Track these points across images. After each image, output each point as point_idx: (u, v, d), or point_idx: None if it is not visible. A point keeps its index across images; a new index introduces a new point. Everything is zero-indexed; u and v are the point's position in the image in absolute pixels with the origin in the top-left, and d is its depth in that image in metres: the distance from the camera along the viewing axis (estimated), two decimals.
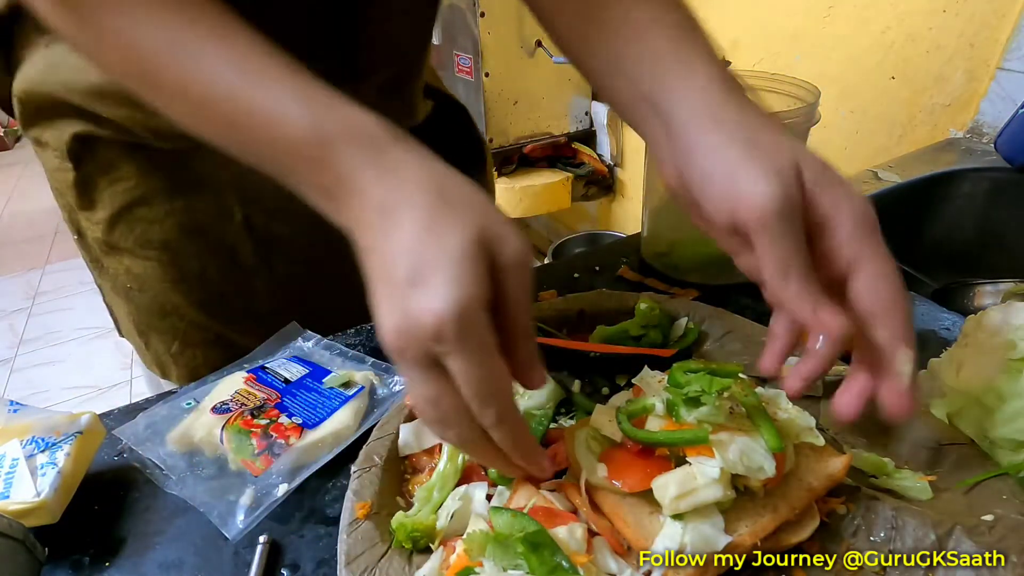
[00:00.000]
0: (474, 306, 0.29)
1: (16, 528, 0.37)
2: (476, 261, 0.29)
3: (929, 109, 1.07)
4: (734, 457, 0.34)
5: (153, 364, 0.67)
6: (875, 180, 0.92)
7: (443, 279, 0.29)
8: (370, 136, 0.32)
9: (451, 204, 0.31)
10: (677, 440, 0.35)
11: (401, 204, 0.31)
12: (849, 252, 0.34)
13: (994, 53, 0.96)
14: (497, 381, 0.31)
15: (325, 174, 0.33)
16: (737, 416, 0.36)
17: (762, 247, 0.33)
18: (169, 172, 0.57)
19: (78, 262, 0.71)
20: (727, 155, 0.34)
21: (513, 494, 0.39)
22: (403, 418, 0.46)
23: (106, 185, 0.58)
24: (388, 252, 0.31)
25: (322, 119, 0.32)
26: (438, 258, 0.29)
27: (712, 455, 0.34)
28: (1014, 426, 0.40)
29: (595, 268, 0.69)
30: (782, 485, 0.36)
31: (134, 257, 0.60)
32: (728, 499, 0.34)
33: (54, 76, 0.53)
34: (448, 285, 0.29)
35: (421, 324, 0.29)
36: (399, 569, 0.37)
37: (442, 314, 0.28)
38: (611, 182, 2.06)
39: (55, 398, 2.03)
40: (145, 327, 0.65)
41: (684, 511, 0.33)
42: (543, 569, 0.32)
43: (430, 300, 0.28)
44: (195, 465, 0.47)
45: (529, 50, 1.79)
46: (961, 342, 0.46)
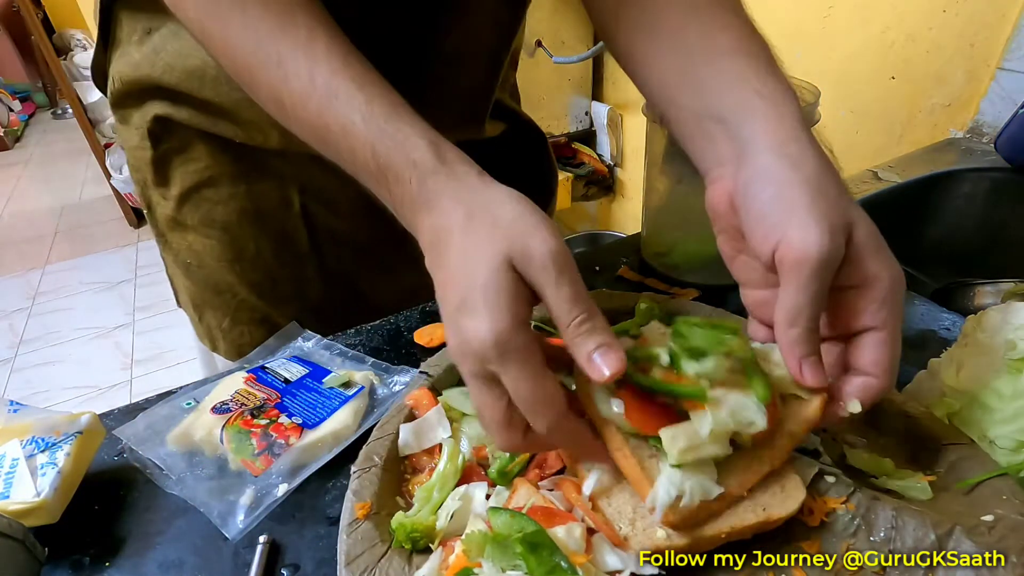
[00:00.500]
0: (509, 330, 0.32)
1: (16, 528, 0.37)
2: (504, 286, 0.32)
3: (929, 109, 1.07)
4: (726, 416, 0.34)
5: (204, 337, 0.71)
6: (875, 180, 0.92)
7: (481, 308, 0.32)
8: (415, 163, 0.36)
9: (477, 231, 0.34)
10: (678, 391, 0.35)
11: (444, 233, 0.35)
12: (876, 315, 0.36)
13: (994, 53, 0.96)
14: (543, 392, 0.33)
15: (388, 192, 0.37)
16: (733, 370, 0.36)
17: (787, 288, 0.35)
18: (237, 158, 0.61)
19: (78, 262, 0.72)
20: (794, 194, 0.36)
21: (512, 494, 0.39)
22: (403, 418, 0.46)
23: (179, 164, 0.62)
24: (441, 279, 0.35)
25: (376, 139, 0.36)
26: (472, 289, 0.33)
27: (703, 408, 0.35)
28: (1014, 426, 0.40)
29: (595, 268, 0.69)
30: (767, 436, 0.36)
31: (197, 234, 0.64)
32: (726, 454, 0.35)
33: (157, 59, 0.56)
34: (485, 313, 0.32)
35: (471, 346, 0.32)
36: (399, 569, 0.37)
37: (484, 339, 0.32)
38: (611, 182, 2.06)
39: (55, 398, 2.03)
40: (200, 301, 0.68)
41: (687, 462, 0.34)
42: (542, 569, 0.32)
43: (475, 327, 0.32)
44: (195, 465, 0.47)
45: (529, 50, 1.78)
46: (961, 342, 0.46)
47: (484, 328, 0.32)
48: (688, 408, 0.35)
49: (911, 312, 0.58)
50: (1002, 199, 0.92)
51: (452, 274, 0.34)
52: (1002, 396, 0.41)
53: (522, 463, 0.42)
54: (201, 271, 0.66)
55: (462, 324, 0.33)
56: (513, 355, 0.32)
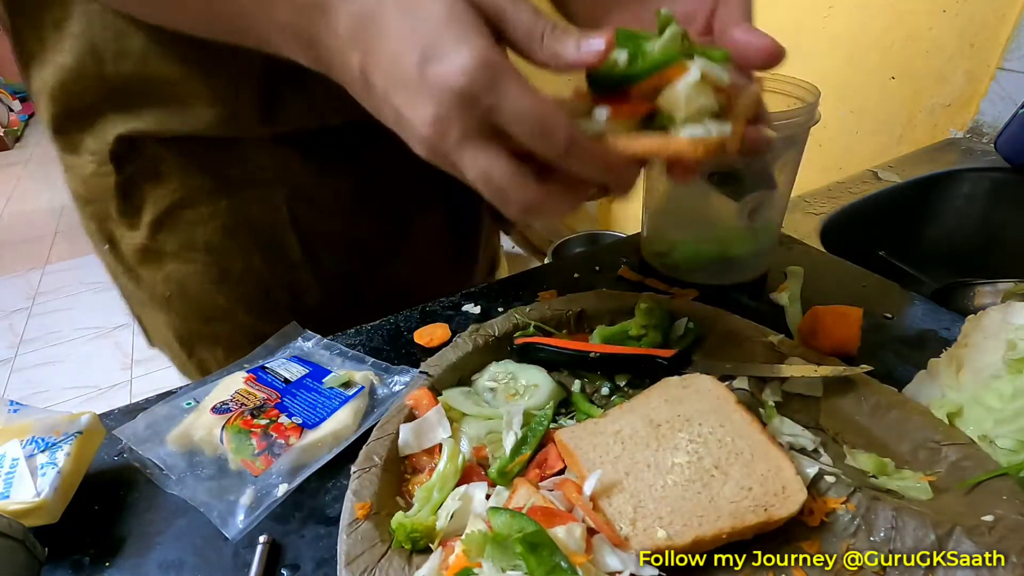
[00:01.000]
0: (492, 48, 0.29)
1: (16, 528, 0.37)
2: (468, 16, 0.30)
3: (929, 109, 1.07)
4: (703, 66, 0.35)
5: (196, 372, 0.66)
6: (875, 180, 0.92)
7: (452, 43, 0.29)
8: None
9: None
10: (656, 62, 0.35)
11: (372, 5, 0.31)
12: (737, 17, 0.38)
13: (994, 53, 0.96)
14: (548, 107, 0.30)
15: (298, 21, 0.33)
16: (686, 45, 0.37)
17: None
18: (214, 171, 0.56)
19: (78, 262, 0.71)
20: None
21: (512, 494, 0.39)
22: (403, 418, 0.46)
23: (150, 188, 0.56)
24: (387, 54, 0.31)
25: None
26: (433, 33, 0.29)
27: (687, 69, 0.35)
28: (1014, 426, 0.40)
29: (595, 268, 0.69)
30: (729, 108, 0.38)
31: (177, 261, 0.59)
32: (716, 107, 0.36)
33: (86, 50, 0.48)
34: (462, 45, 0.29)
35: (451, 89, 0.29)
36: (399, 569, 0.37)
37: (469, 69, 0.28)
38: None
39: (55, 398, 2.03)
40: (188, 334, 0.64)
41: (692, 113, 0.35)
42: (542, 569, 0.32)
43: (450, 63, 0.29)
44: (195, 465, 0.47)
45: None
46: (961, 342, 0.46)
47: (465, 57, 0.29)
48: (669, 79, 0.36)
49: (911, 312, 0.58)
50: (1002, 199, 0.92)
51: (400, 38, 0.31)
52: (1002, 396, 0.41)
53: (522, 463, 0.42)
54: (185, 301, 0.61)
55: (434, 75, 0.29)
56: (507, 73, 0.29)
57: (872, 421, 0.45)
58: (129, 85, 0.50)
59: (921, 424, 0.43)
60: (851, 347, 0.52)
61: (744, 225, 0.60)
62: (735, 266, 0.65)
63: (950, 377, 0.44)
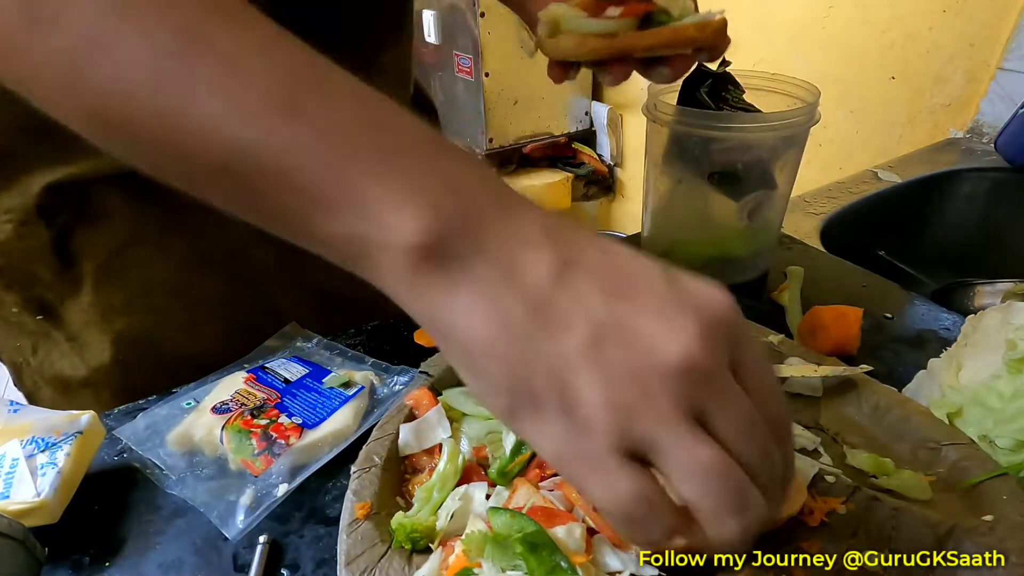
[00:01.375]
0: (733, 306, 0.25)
1: (16, 528, 0.37)
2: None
3: (929, 109, 1.08)
4: None
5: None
6: (875, 180, 0.92)
7: (673, 292, 0.23)
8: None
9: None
10: None
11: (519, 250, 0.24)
12: None
13: (994, 53, 0.97)
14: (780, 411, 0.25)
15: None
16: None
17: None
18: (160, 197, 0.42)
19: None
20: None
21: (512, 494, 0.39)
22: (403, 418, 0.46)
23: (87, 233, 0.48)
24: (609, 264, 0.24)
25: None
26: (639, 273, 0.24)
27: None
28: (1014, 426, 0.40)
29: None
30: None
31: (134, 313, 0.51)
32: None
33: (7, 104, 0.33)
34: (693, 292, 0.24)
35: (717, 317, 0.24)
36: (399, 569, 0.37)
37: (689, 350, 0.22)
38: (611, 182, 2.06)
39: None
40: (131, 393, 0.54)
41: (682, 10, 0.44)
42: (542, 569, 0.32)
43: (707, 287, 0.24)
44: (195, 465, 0.47)
45: (529, 50, 1.78)
46: (961, 342, 0.46)
47: (681, 340, 0.22)
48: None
49: (911, 312, 0.58)
50: (1002, 199, 0.92)
51: (622, 253, 0.25)
52: (1002, 396, 0.41)
53: (522, 463, 0.42)
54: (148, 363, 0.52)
55: (693, 293, 0.24)
56: (748, 343, 0.23)
57: (872, 421, 0.45)
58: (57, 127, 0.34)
59: (921, 424, 0.43)
60: (851, 347, 0.52)
61: (744, 225, 0.60)
62: (735, 266, 0.65)
63: (950, 377, 0.44)
